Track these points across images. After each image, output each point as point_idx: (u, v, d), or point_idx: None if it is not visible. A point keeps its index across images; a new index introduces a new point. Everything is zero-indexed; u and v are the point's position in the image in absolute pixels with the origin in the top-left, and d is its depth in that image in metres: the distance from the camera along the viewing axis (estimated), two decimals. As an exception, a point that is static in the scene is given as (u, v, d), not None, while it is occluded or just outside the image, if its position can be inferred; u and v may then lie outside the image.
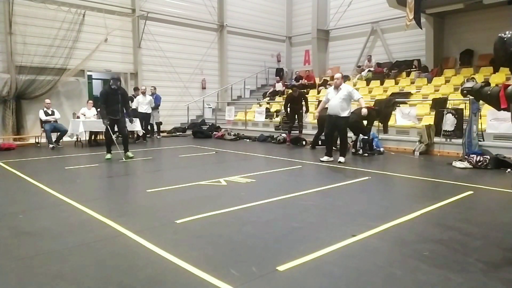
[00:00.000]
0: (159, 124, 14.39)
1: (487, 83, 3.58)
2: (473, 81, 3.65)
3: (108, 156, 8.62)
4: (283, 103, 12.36)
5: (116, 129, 8.80)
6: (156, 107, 13.82)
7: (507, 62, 3.40)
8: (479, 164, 7.45)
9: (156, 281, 2.75)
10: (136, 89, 13.64)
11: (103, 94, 8.54)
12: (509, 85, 3.23)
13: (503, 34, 3.37)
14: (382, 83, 14.33)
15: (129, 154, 8.71)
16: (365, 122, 9.33)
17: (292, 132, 11.97)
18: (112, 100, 8.47)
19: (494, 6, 12.22)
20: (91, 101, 12.36)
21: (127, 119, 8.79)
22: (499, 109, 3.46)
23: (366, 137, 9.44)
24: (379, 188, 5.90)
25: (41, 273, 2.89)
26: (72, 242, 3.50)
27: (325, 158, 8.27)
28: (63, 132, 11.25)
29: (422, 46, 14.58)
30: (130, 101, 10.60)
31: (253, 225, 4.01)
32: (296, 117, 11.79)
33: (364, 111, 7.96)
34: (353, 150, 9.46)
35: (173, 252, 3.22)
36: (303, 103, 11.75)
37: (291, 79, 18.82)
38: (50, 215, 4.37)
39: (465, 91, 3.86)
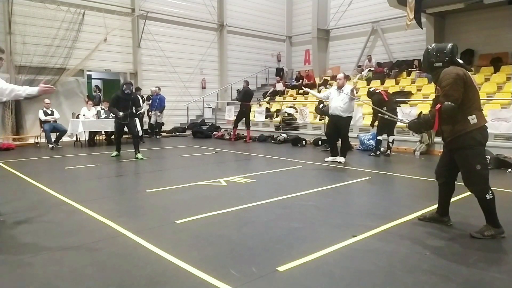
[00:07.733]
0: (161, 124, 14.37)
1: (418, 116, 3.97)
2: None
3: (114, 153, 8.98)
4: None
5: (125, 129, 9.02)
6: (161, 109, 13.86)
7: (429, 70, 3.80)
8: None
9: (156, 281, 2.74)
10: (137, 89, 13.59)
11: (114, 99, 8.83)
12: (440, 107, 3.48)
13: (429, 46, 3.79)
14: (382, 83, 14.32)
15: (139, 155, 8.71)
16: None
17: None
18: (123, 105, 8.70)
19: (495, 6, 12.21)
20: (90, 102, 12.34)
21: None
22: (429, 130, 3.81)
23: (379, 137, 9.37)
24: (379, 188, 5.89)
25: (40, 274, 2.88)
26: (71, 242, 3.49)
27: (330, 158, 8.24)
28: (62, 132, 11.24)
29: (423, 45, 14.49)
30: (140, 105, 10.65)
31: (253, 225, 4.00)
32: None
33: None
34: (381, 151, 9.29)
35: (173, 252, 3.22)
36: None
37: (291, 79, 18.80)
38: (50, 215, 4.36)
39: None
